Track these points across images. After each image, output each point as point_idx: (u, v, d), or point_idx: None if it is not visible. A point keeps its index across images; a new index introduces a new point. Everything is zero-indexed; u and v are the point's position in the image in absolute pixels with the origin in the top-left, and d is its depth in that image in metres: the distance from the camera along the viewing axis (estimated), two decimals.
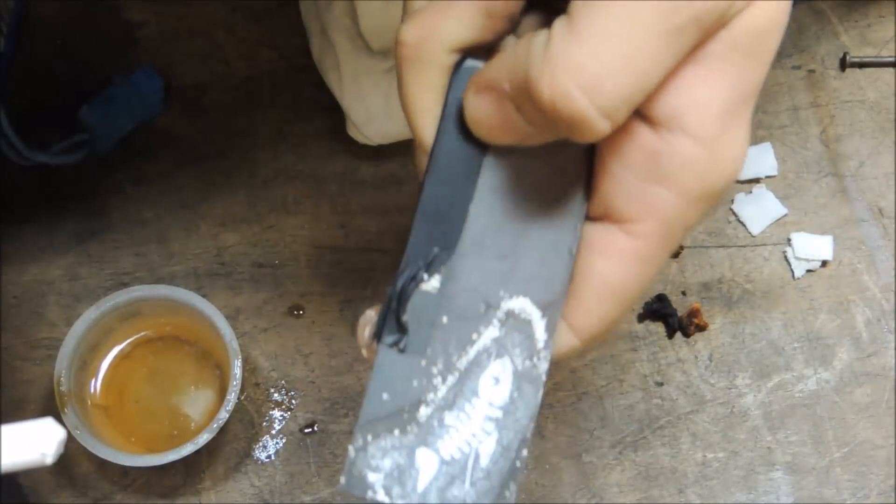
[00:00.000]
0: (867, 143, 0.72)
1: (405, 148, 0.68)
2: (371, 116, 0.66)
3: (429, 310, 0.34)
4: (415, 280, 0.34)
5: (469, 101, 0.32)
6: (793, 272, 0.69)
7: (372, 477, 0.33)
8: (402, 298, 0.34)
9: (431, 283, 0.34)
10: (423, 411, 0.33)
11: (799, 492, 0.65)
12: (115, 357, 0.64)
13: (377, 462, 0.33)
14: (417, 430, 0.33)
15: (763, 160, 0.71)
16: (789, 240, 0.70)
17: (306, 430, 0.65)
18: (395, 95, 0.52)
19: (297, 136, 0.70)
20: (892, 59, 0.70)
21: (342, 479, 0.33)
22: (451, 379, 0.34)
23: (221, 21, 0.72)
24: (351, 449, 0.33)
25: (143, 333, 0.64)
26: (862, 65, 0.70)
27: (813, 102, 0.73)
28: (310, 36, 0.69)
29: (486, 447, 0.33)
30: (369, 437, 0.33)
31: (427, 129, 0.34)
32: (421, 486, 0.32)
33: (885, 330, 0.68)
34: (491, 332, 0.34)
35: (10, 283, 0.67)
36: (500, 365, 0.34)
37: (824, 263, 0.70)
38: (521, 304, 0.34)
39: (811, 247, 0.69)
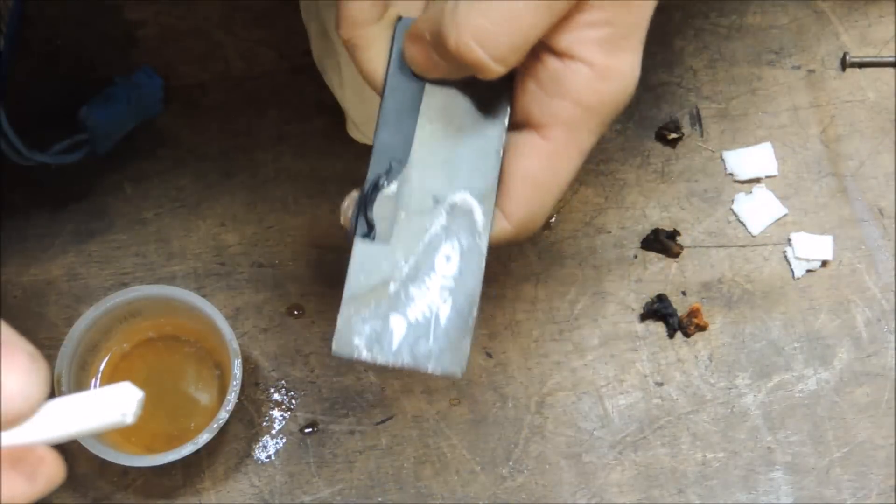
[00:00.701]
0: (867, 143, 0.72)
1: None
2: (371, 116, 0.66)
3: (390, 208, 0.42)
4: (377, 187, 0.43)
5: (405, 47, 0.42)
6: (793, 272, 0.69)
7: (356, 340, 0.41)
8: (368, 201, 0.42)
9: (391, 188, 0.43)
10: (392, 287, 0.41)
11: (799, 492, 0.65)
12: (115, 357, 0.64)
13: (359, 328, 0.41)
14: (389, 302, 0.41)
15: (763, 160, 0.71)
16: (789, 240, 0.70)
17: (306, 430, 0.65)
18: None
19: (297, 136, 0.70)
20: (892, 59, 0.70)
21: (333, 345, 0.40)
22: (412, 260, 0.42)
23: (221, 21, 0.72)
24: (339, 320, 0.41)
25: (143, 333, 0.64)
26: (862, 65, 0.70)
27: (813, 102, 0.73)
28: (310, 36, 0.69)
29: (444, 311, 0.41)
30: (352, 310, 0.41)
31: (377, 71, 0.44)
32: (395, 345, 0.41)
33: (885, 330, 0.68)
34: (440, 221, 0.42)
35: (10, 283, 0.67)
36: (450, 246, 0.42)
37: (824, 263, 0.70)
38: (462, 197, 0.42)
39: (811, 247, 0.69)
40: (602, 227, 0.70)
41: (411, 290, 0.41)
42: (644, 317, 0.68)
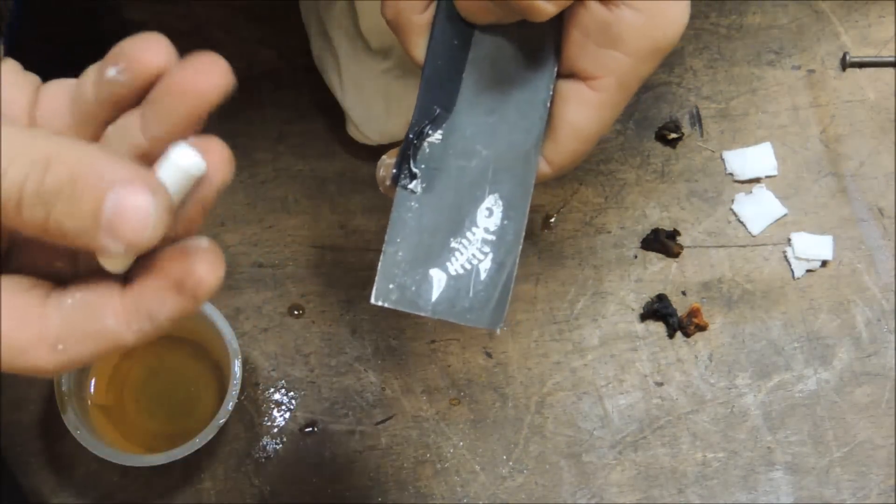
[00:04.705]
0: (867, 143, 0.72)
1: None
2: (371, 116, 0.66)
3: (434, 157, 0.41)
4: (422, 135, 0.41)
5: None
6: (793, 272, 0.69)
7: (395, 292, 0.40)
8: (413, 149, 0.41)
9: (435, 137, 0.41)
10: (433, 239, 0.41)
11: (799, 492, 0.65)
12: (115, 357, 0.64)
13: (399, 279, 0.40)
14: (429, 254, 0.40)
15: (763, 160, 0.71)
16: (789, 240, 0.70)
17: (306, 430, 0.65)
18: (395, 95, 0.52)
19: (297, 136, 0.70)
20: (892, 59, 0.70)
21: (373, 293, 0.40)
22: (453, 212, 0.41)
23: (221, 21, 0.72)
24: (378, 270, 0.40)
25: None
26: (862, 65, 0.70)
27: (813, 102, 0.73)
28: (310, 36, 0.69)
29: (485, 264, 0.41)
30: (391, 261, 0.40)
31: (425, 18, 0.42)
32: (434, 297, 0.40)
33: (885, 330, 0.68)
34: (483, 173, 0.41)
35: None
36: (493, 198, 0.41)
37: (824, 263, 0.70)
38: (508, 149, 0.41)
39: (811, 247, 0.69)
40: (602, 227, 0.70)
41: (452, 243, 0.41)
42: (644, 317, 0.68)
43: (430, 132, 0.41)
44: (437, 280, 0.40)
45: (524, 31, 0.41)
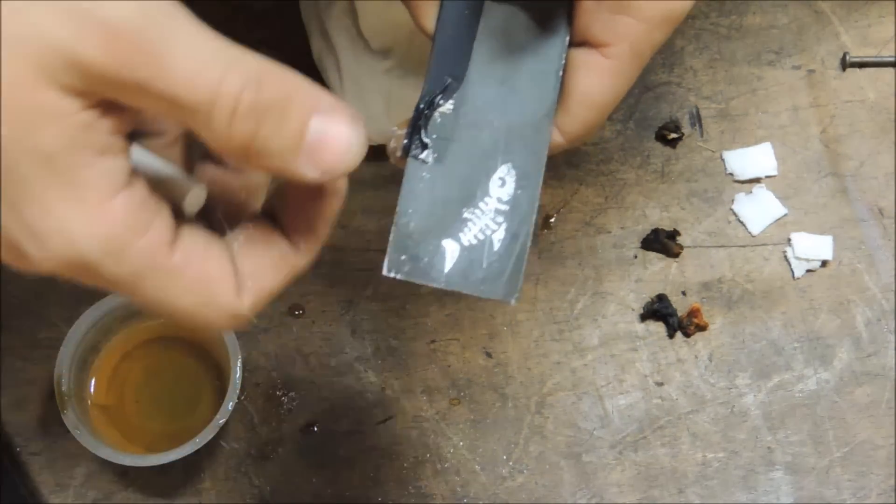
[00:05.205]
0: (867, 143, 0.72)
1: None
2: (371, 116, 0.66)
3: (446, 127, 0.41)
4: (433, 105, 0.41)
5: None
6: (793, 272, 0.69)
7: (407, 263, 0.40)
8: (423, 119, 0.41)
9: (447, 107, 0.41)
10: (445, 209, 0.40)
11: (799, 492, 0.65)
12: (115, 357, 0.64)
13: (411, 250, 0.40)
14: (441, 224, 0.40)
15: (763, 160, 0.71)
16: (789, 240, 0.70)
17: (306, 430, 0.65)
18: (395, 95, 0.52)
19: None
20: (892, 59, 0.70)
21: (385, 264, 0.40)
22: (466, 182, 0.40)
23: (221, 21, 0.72)
24: (390, 241, 0.40)
25: (143, 334, 0.64)
26: (862, 65, 0.70)
27: (813, 102, 0.73)
28: (310, 36, 0.69)
29: (498, 235, 0.40)
30: (403, 232, 0.40)
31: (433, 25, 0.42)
32: (447, 268, 0.40)
33: (885, 330, 0.68)
34: (496, 143, 0.41)
35: (10, 283, 0.67)
36: (505, 168, 0.41)
37: (824, 263, 0.70)
38: (520, 118, 0.41)
39: (811, 247, 0.69)
40: (602, 227, 0.70)
41: (464, 213, 0.40)
42: (644, 317, 0.68)
43: (441, 102, 0.41)
44: (451, 251, 0.40)
45: (535, 0, 0.41)
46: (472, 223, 0.40)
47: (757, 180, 0.71)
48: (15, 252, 0.32)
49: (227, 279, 0.35)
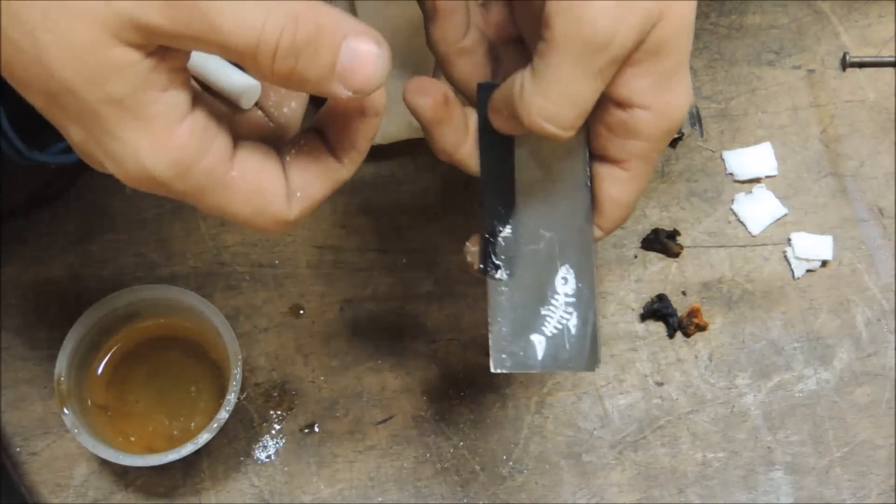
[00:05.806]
0: (867, 143, 0.72)
1: (405, 148, 0.68)
2: None
3: (510, 248, 0.49)
4: (495, 233, 0.49)
5: (489, 116, 0.48)
6: (793, 272, 0.69)
7: (508, 360, 0.49)
8: (491, 246, 0.49)
9: (506, 232, 0.49)
10: (526, 310, 0.49)
11: (799, 492, 0.65)
12: (115, 357, 0.64)
13: (508, 349, 0.49)
14: (527, 324, 0.49)
15: (763, 160, 0.71)
16: (789, 240, 0.70)
17: (306, 430, 0.65)
18: (395, 96, 0.52)
19: None
20: (892, 59, 0.70)
21: (491, 364, 0.48)
22: (536, 286, 0.49)
23: None
24: (490, 347, 0.48)
25: (143, 333, 0.64)
26: (862, 65, 0.70)
27: (813, 102, 0.73)
28: None
29: (572, 321, 0.49)
30: (499, 337, 0.49)
31: (467, 79, 0.51)
32: (539, 356, 0.49)
33: (885, 330, 0.68)
34: (551, 251, 0.49)
35: (10, 283, 0.67)
36: (565, 268, 0.49)
37: (824, 263, 0.70)
38: (566, 226, 0.49)
39: (811, 247, 0.69)
40: None
41: (542, 311, 0.49)
42: (644, 317, 0.68)
43: (500, 229, 0.49)
44: (538, 342, 0.49)
45: None
46: (550, 317, 0.49)
47: (757, 180, 0.71)
48: (105, 170, 0.40)
49: (278, 190, 0.41)
